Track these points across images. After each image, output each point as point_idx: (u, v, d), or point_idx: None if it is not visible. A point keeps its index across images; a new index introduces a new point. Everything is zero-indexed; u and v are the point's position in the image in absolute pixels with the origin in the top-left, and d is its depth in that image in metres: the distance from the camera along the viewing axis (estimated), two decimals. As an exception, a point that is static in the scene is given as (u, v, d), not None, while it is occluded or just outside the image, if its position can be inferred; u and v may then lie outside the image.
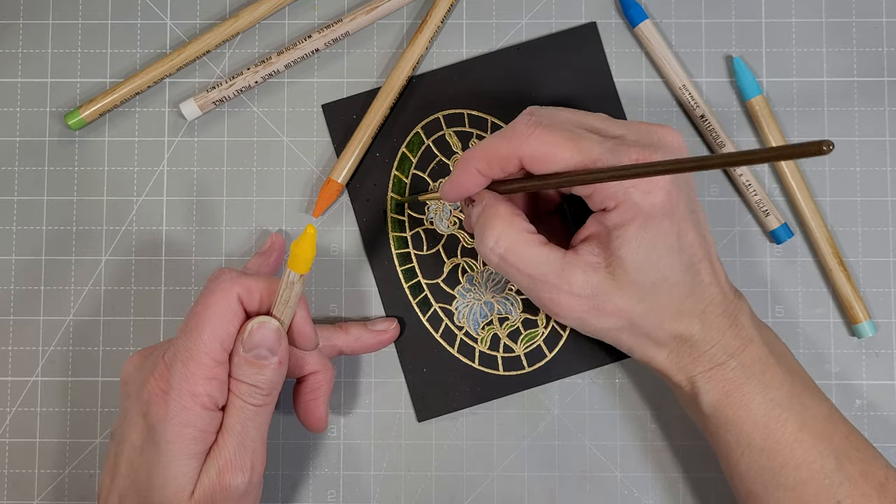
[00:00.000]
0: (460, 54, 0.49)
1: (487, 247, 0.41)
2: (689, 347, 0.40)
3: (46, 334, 0.48)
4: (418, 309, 0.48)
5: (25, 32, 0.49)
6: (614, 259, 0.39)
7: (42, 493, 0.47)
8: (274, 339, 0.39)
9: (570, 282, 0.40)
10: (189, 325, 0.39)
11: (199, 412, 0.38)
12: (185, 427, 0.38)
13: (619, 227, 0.39)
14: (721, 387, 0.40)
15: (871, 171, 0.48)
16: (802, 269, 0.48)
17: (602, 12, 0.49)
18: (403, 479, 0.48)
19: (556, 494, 0.47)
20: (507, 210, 0.41)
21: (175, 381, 0.38)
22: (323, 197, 0.47)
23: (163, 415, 0.38)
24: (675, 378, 0.41)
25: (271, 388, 0.39)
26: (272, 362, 0.39)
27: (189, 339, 0.38)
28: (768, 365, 0.41)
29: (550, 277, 0.40)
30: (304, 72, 0.49)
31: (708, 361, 0.40)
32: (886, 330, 0.48)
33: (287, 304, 0.39)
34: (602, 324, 0.41)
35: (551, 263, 0.40)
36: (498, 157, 0.40)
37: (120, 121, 0.49)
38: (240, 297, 0.39)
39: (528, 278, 0.40)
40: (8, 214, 0.48)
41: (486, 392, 0.48)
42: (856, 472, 0.40)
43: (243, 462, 0.39)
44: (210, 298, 0.39)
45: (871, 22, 0.49)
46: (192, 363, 0.38)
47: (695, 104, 0.48)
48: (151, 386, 0.38)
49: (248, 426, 0.39)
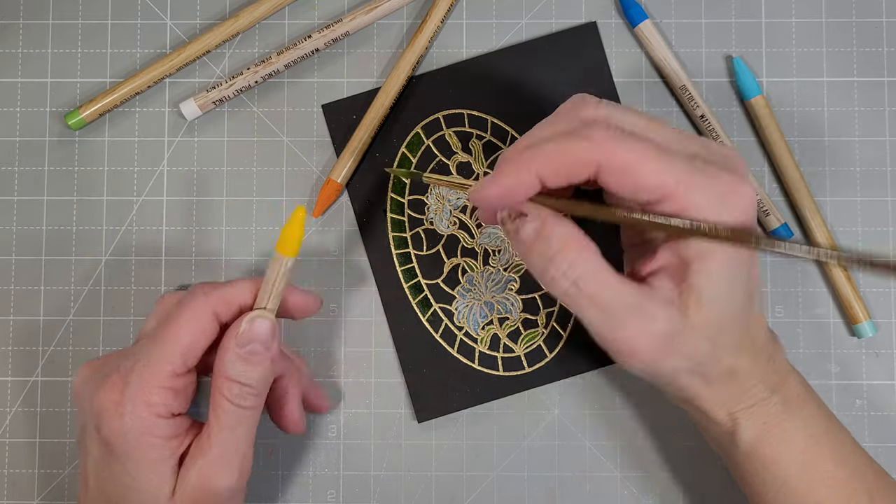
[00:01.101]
0: (460, 54, 0.49)
1: (559, 271, 0.36)
2: (737, 383, 0.38)
3: (46, 334, 0.48)
4: (418, 309, 0.48)
5: (25, 32, 0.49)
6: (691, 295, 0.36)
7: (42, 493, 0.47)
8: (268, 334, 0.38)
9: (651, 317, 0.36)
10: (155, 335, 0.38)
11: (155, 421, 0.37)
12: (143, 436, 0.37)
13: (702, 260, 0.35)
14: (762, 423, 0.39)
15: (871, 171, 0.48)
16: (802, 269, 0.48)
17: (602, 12, 0.49)
18: (403, 479, 0.48)
19: (556, 494, 0.47)
20: (576, 232, 0.36)
21: (129, 391, 0.37)
22: (323, 197, 0.47)
23: (117, 427, 0.37)
24: (716, 415, 0.39)
25: (262, 388, 0.38)
26: (265, 357, 0.38)
27: (151, 349, 0.38)
28: (806, 401, 0.40)
29: (629, 315, 0.36)
30: (304, 72, 0.49)
31: (752, 397, 0.39)
32: (886, 330, 0.48)
33: (276, 292, 0.38)
34: (673, 364, 0.37)
35: (628, 296, 0.36)
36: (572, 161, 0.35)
37: (120, 121, 0.49)
38: (215, 312, 0.38)
39: (603, 313, 0.36)
40: (8, 214, 0.48)
41: (486, 392, 0.48)
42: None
43: (230, 466, 0.38)
44: (180, 310, 0.38)
45: (871, 22, 0.49)
46: (148, 372, 0.37)
47: (695, 104, 0.48)
48: (101, 398, 0.37)
49: (237, 430, 0.38)
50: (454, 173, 0.48)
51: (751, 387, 0.39)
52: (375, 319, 0.48)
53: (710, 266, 0.35)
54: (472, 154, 0.48)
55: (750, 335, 0.38)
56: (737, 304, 0.37)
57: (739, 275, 0.36)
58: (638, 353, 0.36)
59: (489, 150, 0.48)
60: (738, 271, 0.36)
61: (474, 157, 0.48)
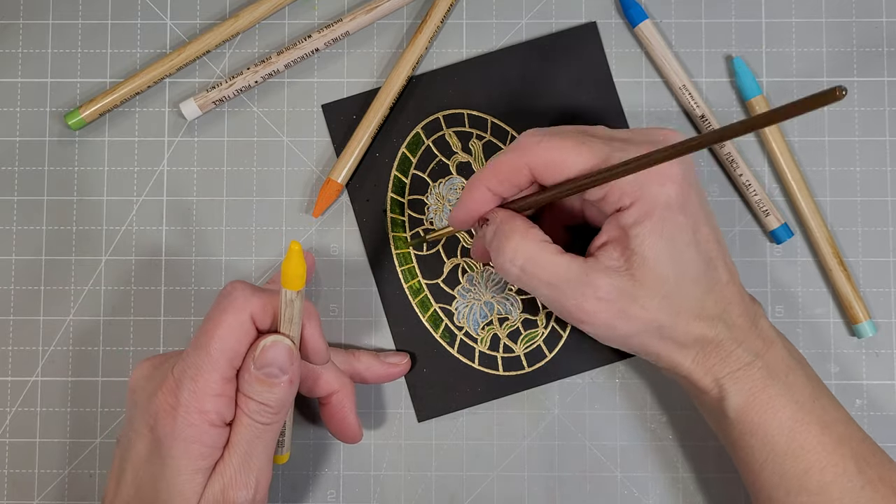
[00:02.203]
0: (460, 54, 0.49)
1: (507, 259, 0.40)
2: (716, 348, 0.40)
3: (46, 334, 0.48)
4: (418, 309, 0.48)
5: (25, 32, 0.49)
6: (635, 259, 0.39)
7: (42, 493, 0.47)
8: (286, 358, 0.39)
9: (595, 286, 0.39)
10: (199, 341, 0.38)
11: (206, 429, 0.38)
12: (192, 443, 0.38)
13: (637, 225, 0.39)
14: (748, 388, 0.40)
15: (871, 171, 0.48)
16: (802, 269, 0.48)
17: (602, 12, 0.49)
18: (403, 479, 0.48)
19: (556, 494, 0.47)
20: (523, 223, 0.40)
21: (183, 397, 0.38)
22: (323, 197, 0.47)
23: (170, 430, 0.38)
24: (702, 382, 0.41)
25: (280, 407, 0.39)
26: (282, 381, 0.39)
27: (198, 356, 0.38)
28: (791, 367, 0.40)
29: (574, 284, 0.39)
30: (304, 72, 0.49)
31: (735, 362, 0.40)
32: (886, 330, 0.48)
33: (291, 322, 0.38)
34: (630, 327, 0.40)
35: (573, 270, 0.39)
36: (508, 170, 0.40)
37: (120, 121, 0.49)
38: (252, 315, 0.39)
39: (551, 287, 0.40)
40: (8, 214, 0.48)
41: (486, 392, 0.48)
42: (875, 475, 0.40)
43: (248, 479, 0.39)
44: (221, 316, 0.38)
45: (871, 22, 0.49)
46: (200, 380, 0.38)
47: (695, 104, 0.48)
48: (160, 400, 0.38)
49: (255, 443, 0.39)
50: (454, 174, 0.48)
51: (731, 352, 0.40)
52: (375, 319, 0.48)
53: (645, 228, 0.38)
54: (472, 154, 0.49)
55: (716, 300, 0.40)
56: (688, 266, 0.39)
57: (681, 235, 0.39)
58: (590, 319, 0.39)
59: (489, 150, 0.49)
60: (678, 231, 0.39)
61: (474, 157, 0.48)
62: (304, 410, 0.48)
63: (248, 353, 0.39)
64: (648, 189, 0.38)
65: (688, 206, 0.39)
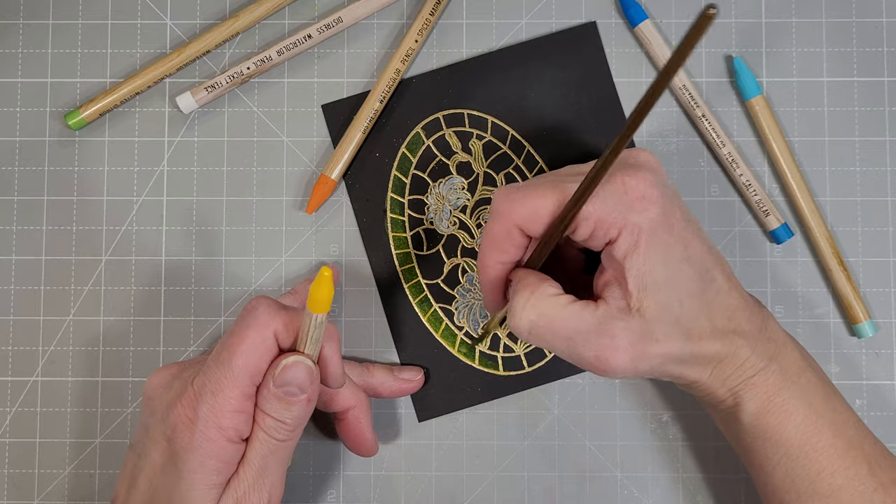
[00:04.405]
0: (460, 54, 0.49)
1: (516, 317, 0.38)
2: (732, 359, 0.39)
3: (46, 334, 0.48)
4: (418, 309, 0.48)
5: (25, 32, 0.49)
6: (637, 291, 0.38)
7: (42, 493, 0.47)
8: (306, 378, 0.39)
9: (610, 334, 0.38)
10: (221, 355, 0.38)
11: (223, 444, 0.38)
12: (209, 458, 0.38)
13: (629, 256, 0.38)
14: (763, 393, 0.39)
15: (871, 171, 0.48)
16: (802, 269, 0.48)
17: (602, 12, 0.49)
18: (403, 479, 0.48)
19: (556, 494, 0.47)
20: (533, 278, 0.39)
21: (203, 411, 0.38)
22: (316, 194, 0.47)
23: (187, 443, 0.38)
24: (719, 393, 0.40)
25: (297, 424, 0.39)
26: (301, 399, 0.39)
27: (220, 371, 0.38)
28: (803, 369, 0.40)
29: (590, 336, 0.38)
30: (304, 72, 0.49)
31: (750, 368, 0.39)
32: (886, 330, 0.48)
33: (313, 342, 0.39)
34: (650, 364, 0.38)
35: (586, 320, 0.38)
36: (501, 238, 0.39)
37: (120, 121, 0.49)
38: (276, 333, 0.38)
39: (566, 341, 0.38)
40: (8, 214, 0.48)
41: (486, 392, 0.48)
42: (887, 478, 0.40)
43: (260, 495, 0.39)
44: (246, 332, 0.38)
45: (871, 22, 0.49)
46: (221, 396, 0.38)
47: (695, 104, 0.48)
48: (178, 412, 0.38)
49: (269, 459, 0.39)
50: (454, 173, 0.48)
51: (745, 359, 0.39)
52: (375, 319, 0.48)
53: (638, 257, 0.37)
54: (472, 154, 0.49)
55: (722, 311, 0.39)
56: (686, 283, 0.38)
57: (672, 254, 0.38)
58: (611, 368, 0.38)
59: (489, 150, 0.49)
60: (668, 252, 0.38)
61: (474, 157, 0.48)
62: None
63: (268, 370, 0.39)
64: (630, 217, 0.37)
65: (673, 225, 0.38)
